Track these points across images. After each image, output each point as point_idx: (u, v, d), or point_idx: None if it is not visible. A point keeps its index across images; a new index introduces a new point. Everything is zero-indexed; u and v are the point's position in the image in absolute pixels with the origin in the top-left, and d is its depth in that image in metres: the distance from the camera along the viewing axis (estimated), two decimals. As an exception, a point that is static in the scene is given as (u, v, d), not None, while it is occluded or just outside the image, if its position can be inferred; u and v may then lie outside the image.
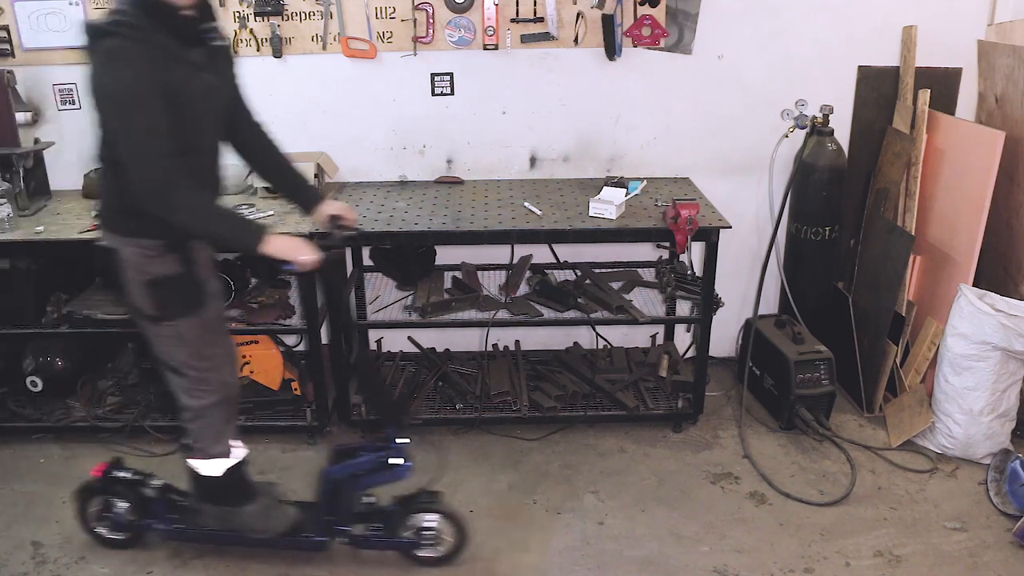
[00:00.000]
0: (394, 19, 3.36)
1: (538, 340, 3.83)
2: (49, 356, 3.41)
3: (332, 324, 2.43)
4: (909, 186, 3.38)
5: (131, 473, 2.65)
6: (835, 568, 2.63)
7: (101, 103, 2.02)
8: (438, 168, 3.63)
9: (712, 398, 3.55)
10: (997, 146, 3.02)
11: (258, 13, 3.32)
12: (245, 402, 3.35)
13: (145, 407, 3.38)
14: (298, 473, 3.12)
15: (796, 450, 3.25)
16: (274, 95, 3.48)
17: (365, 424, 3.35)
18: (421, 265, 3.54)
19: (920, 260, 3.42)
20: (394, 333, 3.87)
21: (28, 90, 3.43)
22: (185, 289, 2.29)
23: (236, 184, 3.46)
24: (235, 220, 2.33)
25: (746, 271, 3.77)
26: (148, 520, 2.65)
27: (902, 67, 3.45)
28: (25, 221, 3.13)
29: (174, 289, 2.27)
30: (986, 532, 2.77)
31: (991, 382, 3.00)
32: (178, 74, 2.06)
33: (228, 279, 3.30)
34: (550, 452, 3.26)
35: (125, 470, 2.66)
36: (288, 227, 3.02)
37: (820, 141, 3.37)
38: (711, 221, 3.03)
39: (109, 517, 2.67)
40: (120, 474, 2.63)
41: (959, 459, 3.14)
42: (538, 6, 3.34)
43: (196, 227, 2.17)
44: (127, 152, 2.03)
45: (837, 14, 3.41)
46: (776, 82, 3.48)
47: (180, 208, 2.08)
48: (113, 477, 2.63)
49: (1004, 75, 3.25)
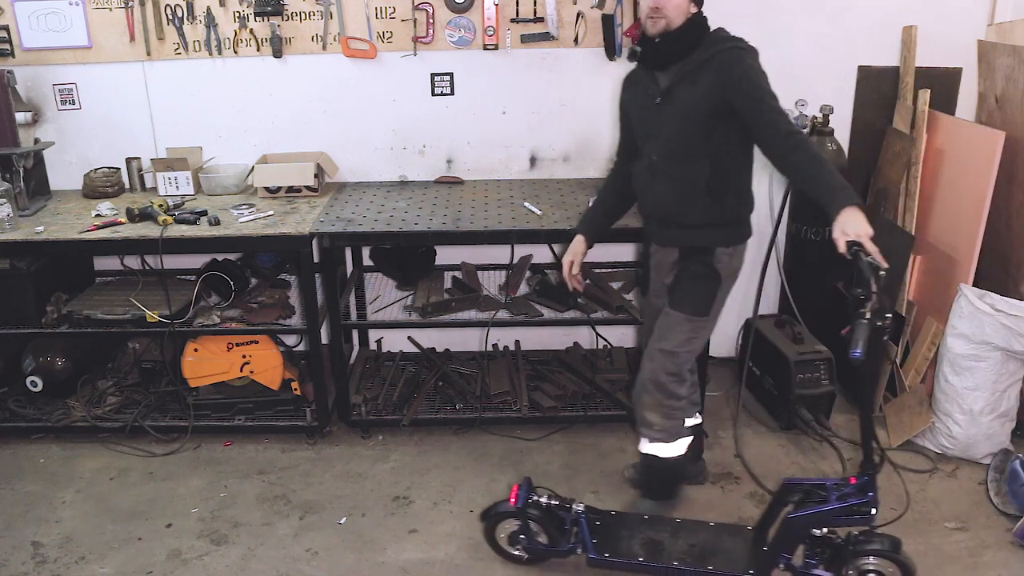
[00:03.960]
0: (394, 19, 3.37)
1: (538, 340, 3.84)
2: (49, 356, 3.41)
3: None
4: (909, 186, 3.38)
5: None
6: (835, 568, 2.62)
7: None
8: (438, 168, 3.63)
9: (712, 398, 3.55)
10: (997, 146, 3.02)
11: (258, 13, 3.32)
12: (245, 402, 3.36)
13: (145, 407, 3.38)
14: (298, 473, 3.12)
15: (796, 450, 3.24)
16: (274, 95, 3.49)
17: (364, 424, 3.35)
18: (421, 265, 3.54)
19: (920, 260, 3.42)
20: (394, 333, 3.87)
21: (28, 90, 3.43)
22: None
23: (236, 184, 3.46)
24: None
25: (746, 271, 3.74)
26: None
27: (902, 67, 3.45)
28: (25, 221, 3.14)
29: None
30: (986, 532, 2.77)
31: (991, 382, 3.00)
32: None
33: (228, 279, 3.32)
34: (550, 452, 3.26)
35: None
36: (288, 227, 3.02)
37: (820, 141, 3.37)
38: (711, 221, 3.03)
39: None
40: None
41: (959, 459, 3.13)
42: (538, 6, 3.34)
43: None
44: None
45: (837, 14, 3.41)
46: (776, 82, 3.43)
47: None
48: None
49: (1004, 75, 3.25)
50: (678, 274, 2.53)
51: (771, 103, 2.29)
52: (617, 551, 2.44)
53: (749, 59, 2.33)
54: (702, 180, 2.39)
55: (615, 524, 2.55)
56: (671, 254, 2.54)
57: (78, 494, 3.03)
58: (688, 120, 2.35)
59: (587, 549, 2.45)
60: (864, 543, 2.30)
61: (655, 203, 2.51)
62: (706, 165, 2.38)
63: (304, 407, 3.32)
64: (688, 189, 2.41)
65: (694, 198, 2.42)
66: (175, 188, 3.42)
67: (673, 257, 2.53)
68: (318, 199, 3.37)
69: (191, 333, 3.20)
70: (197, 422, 3.31)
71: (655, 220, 2.55)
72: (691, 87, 2.33)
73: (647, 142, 2.48)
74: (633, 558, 2.42)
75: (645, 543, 2.47)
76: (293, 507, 2.94)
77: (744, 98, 2.29)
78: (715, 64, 2.30)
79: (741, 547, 2.45)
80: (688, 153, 2.39)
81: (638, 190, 2.58)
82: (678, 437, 2.64)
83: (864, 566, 2.31)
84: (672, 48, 2.33)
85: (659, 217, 2.52)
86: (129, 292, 3.31)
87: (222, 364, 3.28)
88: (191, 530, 2.82)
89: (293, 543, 2.76)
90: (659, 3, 2.26)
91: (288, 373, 3.37)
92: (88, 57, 3.40)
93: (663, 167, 2.43)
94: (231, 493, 3.02)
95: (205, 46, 3.38)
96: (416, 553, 2.70)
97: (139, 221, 3.09)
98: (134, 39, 3.37)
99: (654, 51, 2.36)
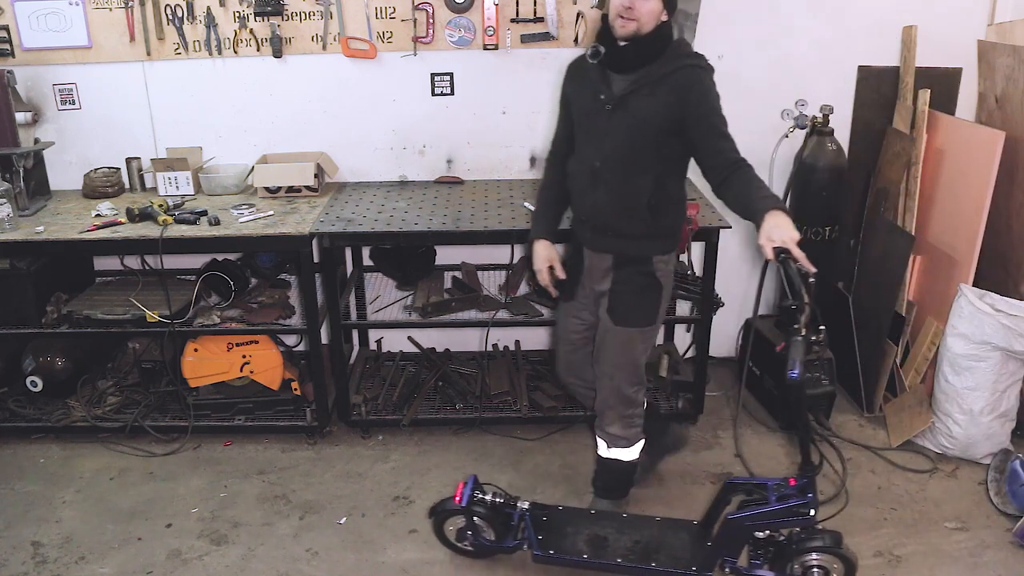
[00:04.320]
0: (394, 19, 3.36)
1: (538, 340, 3.84)
2: (49, 356, 3.41)
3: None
4: (909, 186, 3.38)
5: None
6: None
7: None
8: (438, 168, 3.63)
9: (712, 398, 3.55)
10: (997, 146, 3.02)
11: (258, 13, 3.32)
12: (245, 402, 3.36)
13: (145, 407, 3.38)
14: (298, 473, 3.12)
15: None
16: (274, 95, 3.49)
17: (364, 424, 3.35)
18: (421, 265, 3.54)
19: (920, 260, 3.42)
20: (394, 333, 3.87)
21: (28, 90, 3.43)
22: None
23: (236, 184, 3.46)
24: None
25: (746, 271, 3.77)
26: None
27: (902, 67, 3.45)
28: (25, 221, 3.13)
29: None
30: (986, 532, 2.77)
31: (991, 382, 3.00)
32: None
33: (228, 279, 3.32)
34: (550, 452, 3.26)
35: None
36: (288, 227, 3.02)
37: (820, 141, 3.37)
38: (711, 221, 3.03)
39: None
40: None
41: (959, 459, 3.13)
42: (538, 6, 3.34)
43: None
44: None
45: (837, 14, 3.41)
46: (776, 82, 3.48)
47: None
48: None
49: (1004, 75, 3.25)
50: (616, 288, 2.48)
51: (722, 128, 2.27)
52: (562, 548, 2.48)
53: (708, 79, 2.30)
54: (645, 195, 2.35)
55: (562, 520, 2.59)
56: (604, 260, 2.48)
57: (78, 494, 3.03)
58: (640, 133, 2.30)
59: (532, 546, 2.49)
60: (807, 540, 2.33)
61: (593, 210, 2.42)
62: (650, 180, 2.34)
63: (304, 407, 3.32)
64: (630, 202, 2.36)
65: (634, 211, 2.37)
66: (175, 188, 3.42)
67: (606, 264, 2.47)
68: (318, 199, 3.37)
69: (191, 333, 3.20)
70: (197, 422, 3.31)
71: (590, 226, 2.46)
72: (647, 99, 2.27)
73: (588, 144, 2.40)
74: (578, 555, 2.46)
75: (590, 540, 2.51)
76: (293, 507, 2.94)
77: (698, 119, 2.26)
78: (675, 80, 2.26)
79: (686, 543, 2.49)
80: (634, 166, 2.34)
81: (574, 191, 2.50)
82: (637, 440, 2.71)
83: (808, 562, 2.34)
84: (639, 53, 2.27)
85: (595, 224, 2.44)
86: (129, 292, 3.31)
87: (222, 364, 3.28)
88: (191, 530, 2.82)
89: (293, 543, 2.76)
90: (633, 4, 2.19)
91: (288, 373, 3.37)
92: (88, 57, 3.40)
93: (606, 176, 2.36)
94: (231, 493, 3.02)
95: (205, 46, 3.38)
96: (416, 553, 2.70)
97: (139, 221, 3.09)
98: (134, 39, 3.37)
99: (620, 54, 2.29)
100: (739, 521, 2.32)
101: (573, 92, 2.45)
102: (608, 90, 2.32)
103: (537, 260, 2.60)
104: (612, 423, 2.64)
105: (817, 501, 2.27)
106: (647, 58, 2.28)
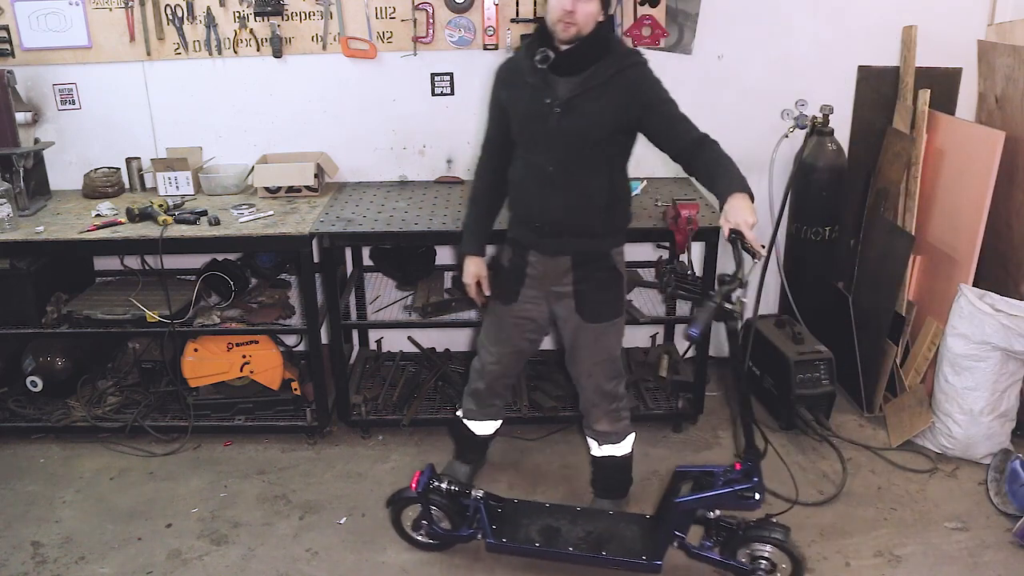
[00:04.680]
0: (394, 19, 3.36)
1: (538, 340, 3.83)
2: (49, 356, 3.41)
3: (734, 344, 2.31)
4: (909, 186, 3.38)
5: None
6: (835, 568, 2.63)
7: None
8: (438, 168, 3.63)
9: (712, 398, 3.55)
10: (997, 146, 3.02)
11: (258, 13, 3.32)
12: (245, 402, 3.36)
13: (145, 407, 3.38)
14: (298, 473, 3.12)
15: (796, 450, 3.24)
16: (274, 95, 3.49)
17: (364, 424, 3.35)
18: (421, 265, 3.54)
19: (920, 260, 3.42)
20: (394, 333, 3.87)
21: (28, 90, 3.43)
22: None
23: (236, 184, 3.46)
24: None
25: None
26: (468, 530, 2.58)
27: (902, 67, 3.45)
28: (25, 221, 3.13)
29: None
30: (986, 532, 2.77)
31: (991, 382, 3.00)
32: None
33: (228, 279, 3.32)
34: (550, 452, 3.26)
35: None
36: (288, 227, 3.02)
37: (820, 141, 3.37)
38: (711, 221, 3.03)
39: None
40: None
41: (959, 459, 3.13)
42: (538, 6, 3.34)
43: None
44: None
45: (837, 14, 3.41)
46: (776, 82, 3.48)
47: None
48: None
49: (1004, 75, 3.25)
50: (580, 287, 2.48)
51: (678, 112, 2.34)
52: (515, 537, 2.53)
53: (651, 72, 2.36)
54: (601, 194, 2.39)
55: (517, 512, 2.64)
56: (562, 262, 2.46)
57: (78, 494, 3.03)
58: (592, 134, 2.32)
59: (486, 535, 2.53)
60: (754, 530, 2.41)
61: (548, 214, 2.41)
62: (604, 179, 2.38)
63: (304, 407, 3.32)
64: (586, 202, 2.39)
65: (591, 210, 2.40)
66: (175, 188, 3.42)
67: (565, 266, 2.46)
68: (318, 199, 3.37)
69: (191, 333, 3.20)
70: (197, 422, 3.30)
71: (545, 230, 2.43)
72: (597, 101, 2.29)
73: (536, 149, 2.38)
74: (530, 543, 2.52)
75: (543, 530, 2.56)
76: (293, 507, 2.94)
77: (654, 114, 2.32)
78: (623, 81, 2.29)
79: (637, 535, 2.55)
80: (589, 167, 2.36)
81: (520, 197, 2.48)
82: (628, 434, 2.73)
83: (755, 552, 2.42)
84: (586, 55, 2.28)
85: (550, 228, 2.42)
86: (129, 292, 3.31)
87: (222, 364, 3.28)
88: (191, 530, 2.82)
89: (293, 543, 2.76)
90: (572, 8, 2.19)
91: (288, 373, 3.37)
92: (88, 57, 3.40)
93: (561, 180, 2.36)
94: (231, 493, 3.02)
95: (205, 46, 3.38)
96: (416, 553, 2.70)
97: (139, 221, 3.09)
98: (134, 39, 3.37)
99: (567, 57, 2.28)
100: (684, 505, 2.39)
101: (510, 97, 2.41)
102: (553, 93, 2.30)
103: (467, 275, 2.63)
104: (599, 420, 2.67)
105: (763, 486, 2.33)
106: (593, 59, 2.29)
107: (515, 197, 2.50)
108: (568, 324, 2.54)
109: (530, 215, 2.45)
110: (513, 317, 2.59)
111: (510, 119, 2.42)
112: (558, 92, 2.30)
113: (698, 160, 2.30)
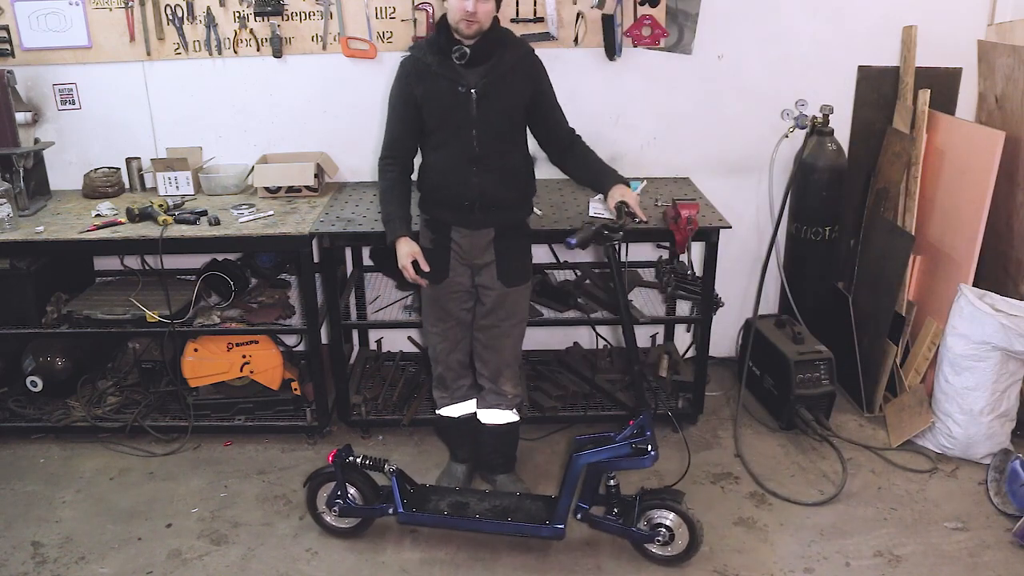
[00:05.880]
0: (394, 19, 3.36)
1: (538, 340, 3.83)
2: (49, 356, 3.41)
3: (623, 318, 2.54)
4: (909, 186, 3.38)
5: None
6: (835, 568, 2.63)
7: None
8: (438, 168, 3.62)
9: (712, 398, 3.55)
10: (997, 146, 3.02)
11: (258, 13, 3.32)
12: (245, 402, 3.36)
13: (145, 407, 3.38)
14: (298, 473, 3.12)
15: (796, 450, 3.24)
16: (274, 95, 3.49)
17: (364, 424, 3.35)
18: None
19: (920, 260, 3.42)
20: (394, 333, 3.87)
21: (28, 90, 3.43)
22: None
23: (236, 184, 3.46)
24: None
25: (746, 271, 3.77)
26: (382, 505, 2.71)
27: (902, 67, 3.45)
28: (25, 221, 3.13)
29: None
30: (986, 532, 2.77)
31: (991, 382, 3.00)
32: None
33: (228, 279, 3.32)
34: (550, 452, 3.26)
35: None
36: (288, 227, 3.02)
37: (820, 141, 3.37)
38: (711, 221, 3.03)
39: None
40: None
41: (959, 459, 3.13)
42: (538, 6, 3.34)
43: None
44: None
45: (837, 14, 3.41)
46: (776, 82, 3.48)
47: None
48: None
49: (1004, 75, 3.25)
50: (502, 255, 2.70)
51: (557, 103, 2.70)
52: (425, 509, 2.67)
53: (541, 61, 2.66)
54: (523, 168, 2.70)
55: (428, 492, 2.77)
56: (486, 235, 2.67)
57: (78, 494, 3.03)
58: (509, 115, 2.60)
59: (396, 507, 2.65)
60: (649, 496, 2.57)
61: (478, 191, 2.60)
62: (521, 155, 2.69)
63: (304, 407, 3.32)
64: (511, 175, 2.66)
65: (516, 182, 2.68)
66: (175, 188, 3.42)
67: (488, 238, 2.67)
68: (318, 199, 3.37)
69: (191, 333, 3.20)
70: (197, 422, 3.31)
71: (475, 207, 2.62)
72: (507, 85, 2.56)
73: (458, 136, 2.57)
74: (439, 514, 2.66)
75: (452, 504, 2.70)
76: (293, 507, 2.94)
77: (543, 97, 2.65)
78: (524, 66, 2.61)
79: (543, 507, 2.68)
80: (510, 143, 2.65)
81: (443, 182, 2.64)
82: (518, 399, 2.92)
83: (653, 519, 2.57)
84: (491, 47, 2.53)
85: (482, 205, 2.62)
86: (129, 292, 3.31)
87: (222, 364, 3.28)
88: (191, 530, 2.82)
89: (293, 543, 2.76)
90: (474, 8, 2.41)
91: (288, 373, 3.37)
92: (88, 57, 3.40)
93: (489, 160, 2.59)
94: (231, 493, 3.02)
95: (205, 46, 3.38)
96: (416, 553, 2.70)
97: (139, 221, 3.09)
98: (134, 39, 3.37)
99: (475, 51, 2.51)
100: (582, 459, 2.52)
101: (426, 91, 2.57)
102: (466, 82, 2.53)
103: (402, 258, 2.68)
104: (508, 381, 2.84)
105: (656, 440, 2.48)
106: (497, 48, 2.56)
107: (436, 183, 2.66)
108: (491, 291, 2.73)
109: (458, 195, 2.63)
110: (448, 292, 2.76)
111: (426, 112, 2.59)
112: (470, 81, 2.53)
113: (571, 154, 2.72)
